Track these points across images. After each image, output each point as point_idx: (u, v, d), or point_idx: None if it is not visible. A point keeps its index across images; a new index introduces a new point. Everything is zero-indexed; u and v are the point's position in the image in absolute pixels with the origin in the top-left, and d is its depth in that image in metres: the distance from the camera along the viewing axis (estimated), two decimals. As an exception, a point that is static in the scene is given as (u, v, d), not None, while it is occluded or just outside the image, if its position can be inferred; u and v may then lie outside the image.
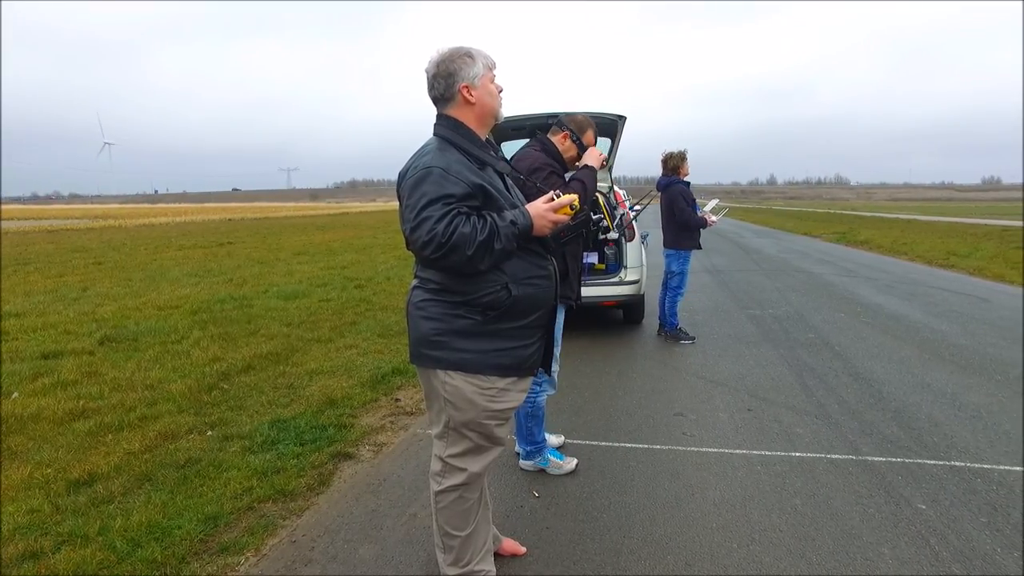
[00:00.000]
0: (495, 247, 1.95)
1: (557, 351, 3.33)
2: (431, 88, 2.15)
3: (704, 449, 3.80)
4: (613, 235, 3.22)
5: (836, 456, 3.67)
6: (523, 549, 2.73)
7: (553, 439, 3.84)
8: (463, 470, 2.21)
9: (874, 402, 4.59)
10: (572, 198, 2.09)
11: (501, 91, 2.23)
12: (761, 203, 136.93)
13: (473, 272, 1.98)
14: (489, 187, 2.04)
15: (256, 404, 4.53)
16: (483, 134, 2.20)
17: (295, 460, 3.59)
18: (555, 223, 2.09)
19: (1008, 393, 4.78)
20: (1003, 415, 4.31)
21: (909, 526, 2.91)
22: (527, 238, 2.05)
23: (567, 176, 3.35)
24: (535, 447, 3.48)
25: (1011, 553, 2.69)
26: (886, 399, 4.65)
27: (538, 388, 3.33)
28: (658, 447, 3.84)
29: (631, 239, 6.75)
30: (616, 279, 6.63)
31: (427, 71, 2.14)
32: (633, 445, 3.88)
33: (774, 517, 3.00)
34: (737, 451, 3.76)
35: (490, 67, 2.18)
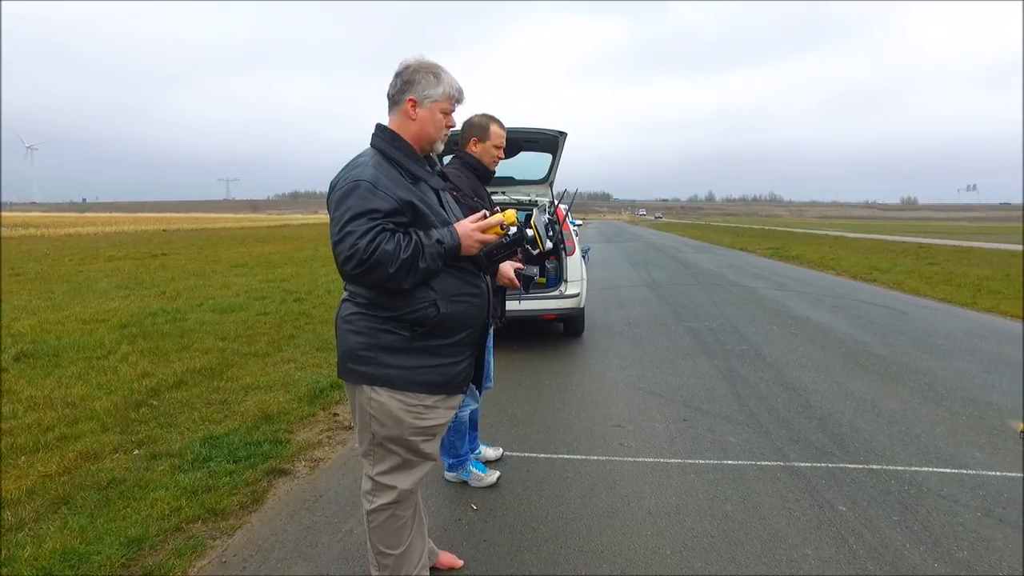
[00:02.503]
0: (419, 266, 1.93)
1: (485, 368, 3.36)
2: (390, 85, 2.14)
3: (640, 459, 3.88)
4: (549, 245, 3.23)
5: (766, 463, 3.80)
6: (460, 562, 2.73)
7: (491, 451, 3.85)
8: (393, 488, 2.17)
9: (802, 410, 4.77)
10: (501, 218, 2.09)
11: (449, 127, 2.19)
12: (700, 219, 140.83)
13: (397, 289, 1.95)
14: (420, 203, 2.01)
15: (187, 421, 4.39)
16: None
17: (227, 478, 3.49)
18: (483, 242, 2.08)
19: (920, 399, 5.05)
20: (916, 420, 4.56)
21: (830, 527, 3.04)
22: (455, 257, 2.04)
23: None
24: (458, 460, 3.50)
25: (918, 547, 2.85)
26: (813, 407, 4.84)
27: (463, 404, 3.34)
28: (595, 458, 3.90)
29: (571, 253, 6.85)
30: (556, 292, 6.72)
31: (396, 68, 2.14)
32: (571, 456, 3.92)
33: (706, 523, 3.09)
34: (672, 460, 3.85)
35: (451, 99, 2.15)
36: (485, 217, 2.09)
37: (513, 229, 2.11)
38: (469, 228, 2.05)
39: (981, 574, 2.52)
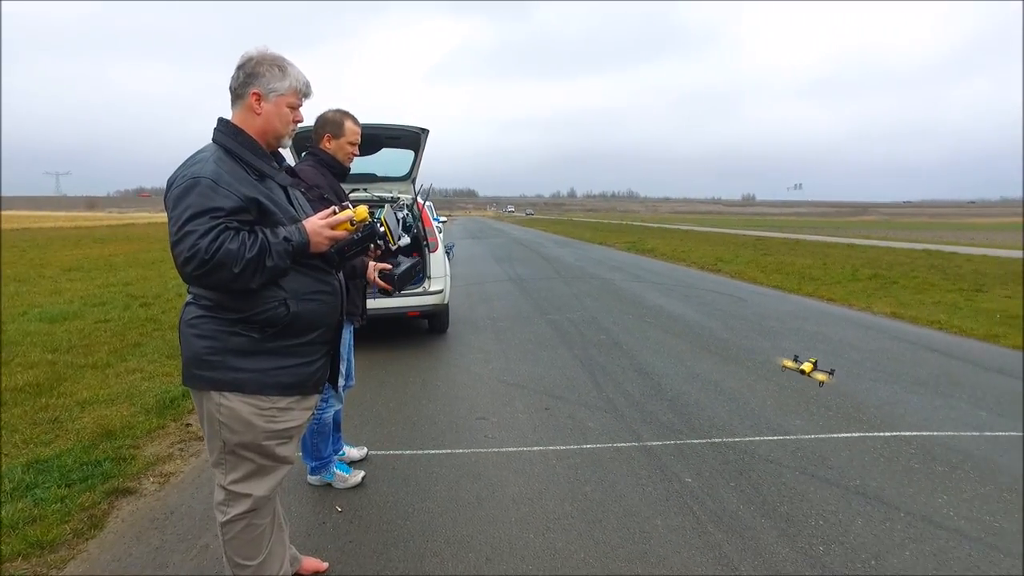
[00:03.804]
0: (266, 264, 1.87)
1: (344, 367, 3.31)
2: (232, 78, 2.05)
3: (504, 449, 3.99)
4: (405, 240, 3.23)
5: (621, 444, 4.05)
6: (325, 565, 2.68)
7: (355, 452, 3.81)
8: (248, 496, 2.10)
9: (654, 393, 5.12)
10: (350, 214, 2.07)
11: (297, 122, 2.14)
12: (562, 215, 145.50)
13: (244, 289, 1.89)
14: (266, 201, 1.96)
15: (7, 445, 3.94)
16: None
17: (58, 505, 3.17)
18: (333, 239, 2.05)
19: (755, 377, 5.58)
20: (751, 396, 5.04)
21: (678, 498, 3.30)
22: (304, 255, 1.99)
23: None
24: (321, 462, 3.44)
25: (750, 507, 3.18)
26: (664, 390, 5.20)
27: (324, 404, 3.28)
28: (460, 451, 3.96)
29: (435, 250, 6.88)
30: (420, 289, 6.72)
31: (238, 61, 2.04)
32: (436, 451, 3.96)
33: (567, 505, 3.24)
34: (535, 448, 4.00)
35: (298, 93, 2.09)
36: (335, 213, 2.06)
37: (365, 225, 2.10)
38: (318, 225, 2.01)
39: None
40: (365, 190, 6.96)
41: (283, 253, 1.92)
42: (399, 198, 6.96)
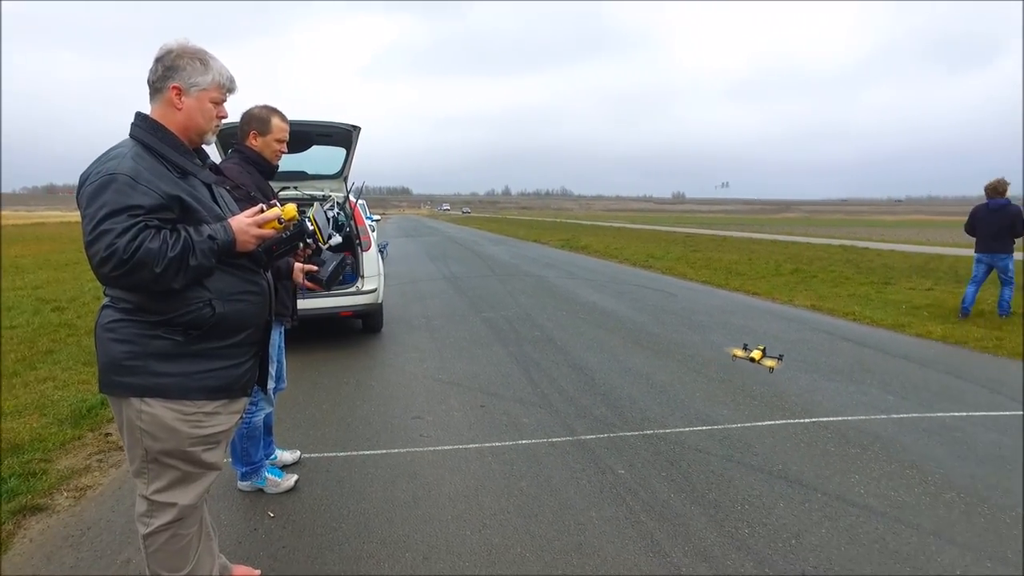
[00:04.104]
0: (190, 263, 1.81)
1: (274, 369, 3.24)
2: (150, 71, 1.97)
3: (440, 447, 3.99)
4: (337, 239, 3.17)
5: (556, 439, 4.10)
6: (257, 572, 2.61)
7: (287, 455, 3.73)
8: (172, 505, 2.02)
9: (588, 388, 5.21)
10: (278, 212, 2.03)
11: (221, 118, 2.07)
12: (497, 213, 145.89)
13: (166, 290, 1.82)
14: (189, 198, 1.89)
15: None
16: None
17: (-45, 528, 2.97)
18: (260, 238, 1.99)
19: (685, 369, 5.76)
20: (681, 388, 5.19)
21: (612, 490, 3.37)
22: (230, 254, 1.94)
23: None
24: (252, 468, 3.35)
25: (680, 496, 3.29)
26: (597, 384, 5.30)
27: (254, 408, 3.20)
28: (396, 451, 3.93)
29: (368, 249, 6.79)
30: (353, 289, 6.62)
31: (156, 53, 1.96)
32: (371, 452, 3.92)
33: (503, 501, 3.27)
34: (471, 445, 4.01)
35: (222, 88, 2.03)
36: (262, 211, 2.01)
37: (294, 224, 2.06)
38: (244, 223, 1.96)
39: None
40: (295, 188, 6.80)
41: (208, 252, 1.86)
42: (330, 196, 6.83)
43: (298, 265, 2.93)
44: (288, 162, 6.42)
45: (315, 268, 2.94)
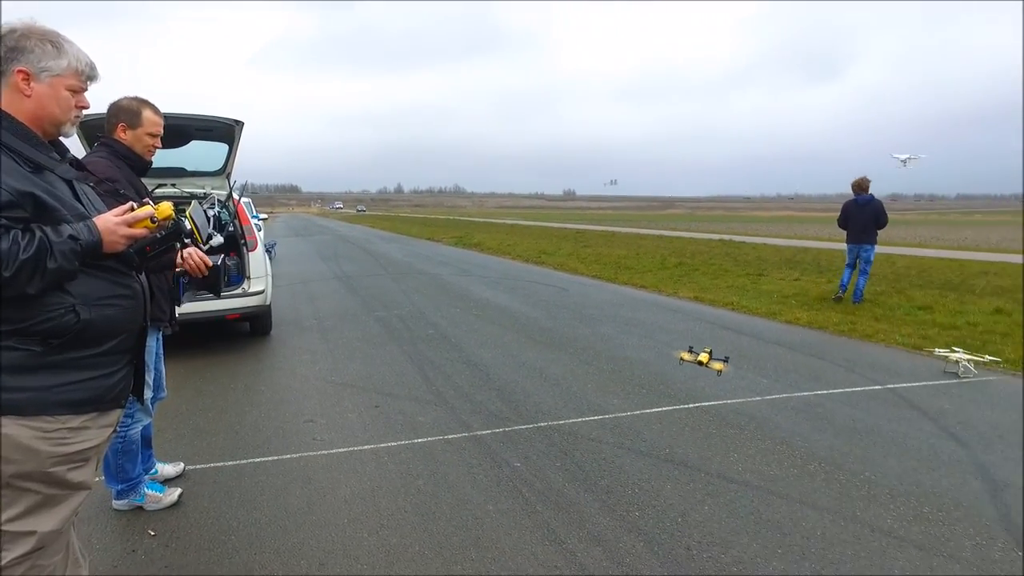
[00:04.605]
0: (48, 267, 1.65)
1: (152, 377, 3.06)
2: None
3: (334, 451, 3.90)
4: (218, 240, 3.03)
5: (452, 436, 4.12)
6: (136, 595, 2.45)
7: (169, 468, 3.52)
8: (31, 533, 1.79)
9: (483, 384, 5.26)
10: (151, 210, 1.89)
11: (82, 108, 1.90)
12: (390, 210, 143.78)
13: (20, 296, 1.66)
14: (45, 195, 1.72)
15: None
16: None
17: None
18: (131, 238, 1.85)
19: (577, 362, 5.94)
20: (573, 380, 5.35)
21: (508, 483, 3.44)
22: (96, 255, 1.78)
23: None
24: (129, 485, 3.14)
25: (574, 484, 3.40)
26: (492, 379, 5.37)
27: (129, 420, 3.00)
28: (288, 457, 3.81)
29: (254, 249, 6.52)
30: (240, 291, 6.34)
31: None
32: (262, 459, 3.78)
33: (400, 500, 3.25)
34: (366, 447, 3.95)
35: (80, 74, 1.85)
36: (133, 209, 1.86)
37: (169, 223, 1.94)
38: (112, 222, 1.80)
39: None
40: (173, 185, 6.42)
41: (69, 253, 1.69)
42: (211, 194, 6.50)
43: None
44: (165, 158, 6.07)
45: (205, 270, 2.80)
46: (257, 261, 6.48)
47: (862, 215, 9.27)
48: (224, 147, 6.47)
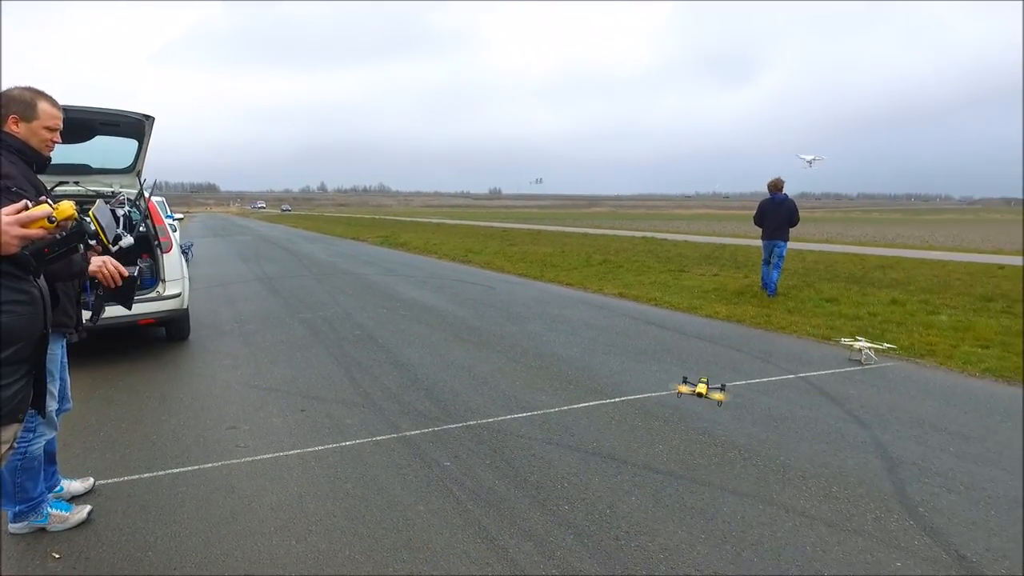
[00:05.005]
0: None
1: (56, 387, 2.89)
2: None
3: (259, 457, 3.79)
4: (128, 241, 2.86)
5: (381, 437, 4.07)
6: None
7: (77, 485, 3.32)
8: None
9: (411, 384, 5.22)
10: (48, 210, 1.77)
11: None
12: (313, 210, 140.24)
13: None
14: None
15: None
16: None
17: None
18: (25, 239, 1.73)
19: (505, 360, 5.98)
20: (502, 378, 5.39)
21: (439, 483, 3.43)
22: None
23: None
24: (29, 505, 2.93)
25: (504, 481, 3.42)
26: (420, 379, 5.33)
27: (30, 435, 2.81)
28: (210, 465, 3.67)
29: (168, 250, 6.24)
30: (154, 294, 6.05)
31: None
32: (181, 469, 3.62)
33: (329, 505, 3.19)
34: (292, 452, 3.86)
35: None
36: (27, 208, 1.74)
37: (71, 223, 1.81)
38: (4, 222, 1.68)
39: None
40: (76, 183, 6.05)
41: None
42: (120, 193, 6.17)
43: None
44: (68, 154, 5.71)
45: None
46: (172, 263, 6.21)
47: (777, 213, 9.77)
48: (134, 143, 6.15)
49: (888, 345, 6.35)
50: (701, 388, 3.45)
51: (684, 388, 3.44)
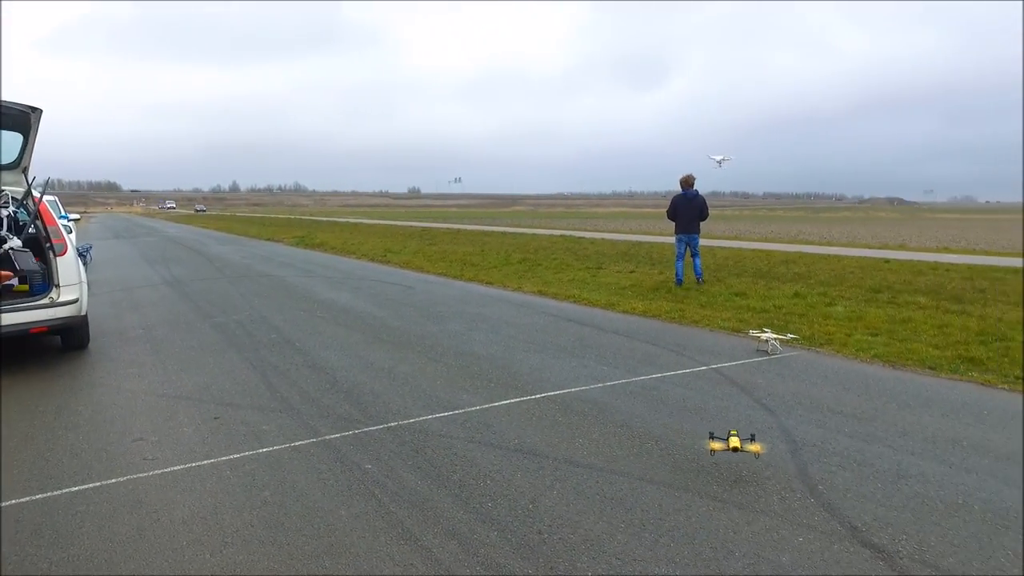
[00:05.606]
0: None
1: None
2: None
3: (169, 469, 3.61)
4: (15, 243, 2.69)
5: (300, 442, 3.97)
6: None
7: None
8: None
9: (329, 387, 5.11)
10: None
11: None
12: (225, 209, 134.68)
13: None
14: None
15: None
16: None
17: None
18: None
19: (425, 360, 5.95)
20: (423, 378, 5.36)
21: (360, 486, 3.38)
22: None
23: None
24: None
25: (427, 481, 3.41)
26: (339, 382, 5.23)
27: None
28: (114, 481, 3.47)
29: (63, 253, 5.85)
30: (47, 300, 5.66)
31: None
32: (81, 487, 3.40)
33: (246, 515, 3.09)
34: (205, 462, 3.70)
35: None
36: None
37: None
38: None
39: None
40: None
41: None
42: (4, 191, 5.74)
43: None
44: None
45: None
46: (67, 266, 5.83)
47: (689, 208, 10.25)
48: (18, 137, 5.74)
49: (792, 336, 6.71)
50: (734, 442, 3.41)
51: (716, 445, 3.40)
